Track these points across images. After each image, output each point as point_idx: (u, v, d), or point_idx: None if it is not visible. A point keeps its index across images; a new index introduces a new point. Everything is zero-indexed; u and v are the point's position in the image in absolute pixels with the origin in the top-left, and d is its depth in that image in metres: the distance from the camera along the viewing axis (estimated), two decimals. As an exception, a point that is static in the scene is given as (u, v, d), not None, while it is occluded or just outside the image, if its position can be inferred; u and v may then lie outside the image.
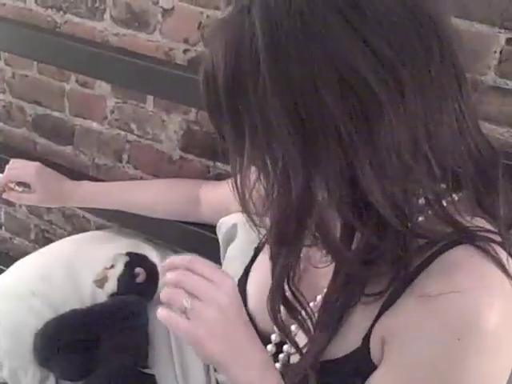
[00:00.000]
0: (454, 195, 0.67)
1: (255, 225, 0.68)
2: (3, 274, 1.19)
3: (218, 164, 1.35)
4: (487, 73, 1.02)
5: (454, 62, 0.62)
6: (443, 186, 0.65)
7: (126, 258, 1.13)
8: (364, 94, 0.57)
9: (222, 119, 0.64)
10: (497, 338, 0.60)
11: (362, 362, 0.68)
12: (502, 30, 0.99)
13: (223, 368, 0.71)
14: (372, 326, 0.67)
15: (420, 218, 0.66)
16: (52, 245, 1.29)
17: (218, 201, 1.15)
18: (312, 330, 0.73)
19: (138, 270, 1.12)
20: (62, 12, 1.44)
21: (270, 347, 0.80)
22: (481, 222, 0.66)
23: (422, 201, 0.64)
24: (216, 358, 0.69)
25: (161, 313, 0.70)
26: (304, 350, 0.73)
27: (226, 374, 0.71)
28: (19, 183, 1.24)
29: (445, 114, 0.61)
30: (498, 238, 0.64)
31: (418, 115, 0.59)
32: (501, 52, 1.00)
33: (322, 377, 0.70)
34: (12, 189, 1.23)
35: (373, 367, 0.68)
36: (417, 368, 0.63)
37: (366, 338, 0.68)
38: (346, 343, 0.70)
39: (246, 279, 0.89)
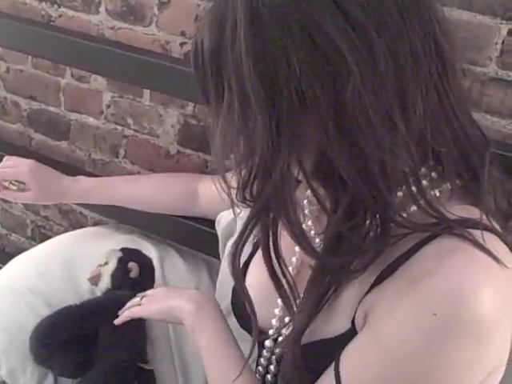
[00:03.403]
0: (439, 188, 0.67)
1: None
2: (0, 271, 1.18)
3: (216, 158, 1.34)
4: (489, 64, 1.01)
5: (436, 39, 0.62)
6: (424, 169, 0.66)
7: (119, 254, 1.13)
8: (332, 55, 0.57)
9: (208, 90, 0.66)
10: (479, 327, 0.59)
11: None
12: (504, 21, 0.98)
13: (180, 313, 0.87)
14: (358, 307, 0.68)
15: (412, 208, 0.66)
16: (49, 241, 1.28)
17: (217, 195, 1.14)
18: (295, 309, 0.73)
19: (130, 264, 1.11)
20: (56, 5, 1.43)
21: (267, 342, 0.80)
22: (471, 210, 0.65)
23: (401, 192, 0.65)
24: (168, 306, 0.89)
25: (121, 316, 0.98)
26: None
27: (181, 314, 0.87)
28: (14, 181, 1.22)
29: (422, 88, 0.61)
30: (490, 227, 0.64)
31: (388, 81, 0.59)
32: (502, 43, 0.99)
33: (312, 357, 0.71)
34: (7, 188, 1.21)
35: None
36: (390, 340, 0.63)
37: (353, 320, 0.69)
38: (335, 325, 0.71)
39: (245, 275, 0.88)
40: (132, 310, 0.97)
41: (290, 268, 0.77)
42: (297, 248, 0.80)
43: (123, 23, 1.35)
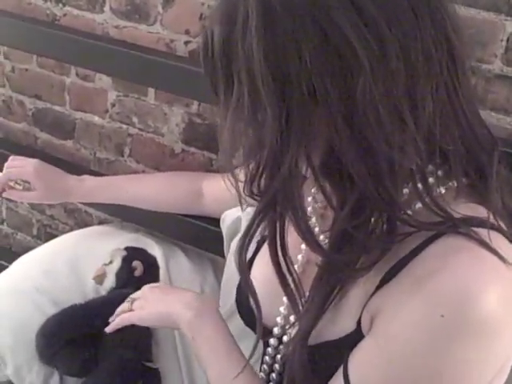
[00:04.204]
0: (442, 187, 0.67)
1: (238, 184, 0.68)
2: (6, 270, 1.18)
3: (221, 157, 1.34)
4: (494, 61, 1.01)
5: (447, 37, 0.62)
6: (431, 166, 0.66)
7: (124, 253, 1.13)
8: (344, 50, 0.57)
9: (217, 83, 0.65)
10: (486, 327, 0.59)
11: (357, 343, 0.68)
12: (509, 18, 0.98)
13: (179, 319, 0.85)
14: (364, 308, 0.68)
15: (417, 205, 0.66)
16: (55, 240, 1.29)
17: (222, 193, 1.14)
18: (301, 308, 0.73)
19: (135, 263, 1.11)
20: (61, 4, 1.43)
21: (272, 341, 0.80)
22: (477, 209, 0.65)
23: (407, 189, 0.65)
24: (165, 312, 0.87)
25: (112, 324, 0.95)
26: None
27: (180, 321, 0.85)
28: (20, 180, 1.22)
29: (433, 85, 0.61)
30: (496, 226, 0.63)
31: (399, 78, 0.58)
32: (507, 40, 0.99)
33: (318, 359, 0.71)
34: (12, 187, 1.22)
35: None
36: (398, 341, 0.63)
37: (359, 321, 0.68)
38: (341, 326, 0.70)
39: (249, 273, 0.88)
40: (123, 316, 0.94)
41: (296, 266, 0.77)
42: (303, 246, 0.80)
43: (128, 22, 1.35)
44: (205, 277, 1.23)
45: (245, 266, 0.74)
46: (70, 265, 1.16)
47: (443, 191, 0.66)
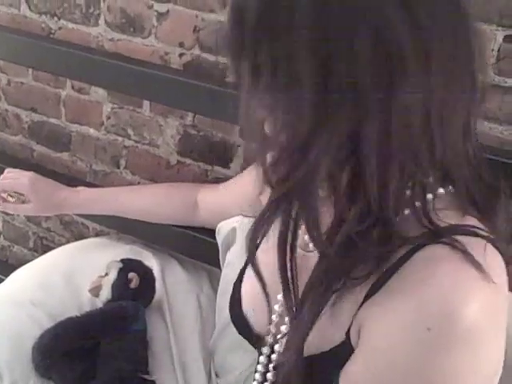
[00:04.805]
0: (430, 195, 0.67)
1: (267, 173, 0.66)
2: (2, 283, 1.18)
3: (216, 168, 1.35)
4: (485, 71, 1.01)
5: (472, 60, 0.63)
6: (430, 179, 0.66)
7: (120, 265, 1.13)
8: (394, 54, 0.57)
9: (241, 58, 0.63)
10: (470, 336, 0.59)
11: (348, 354, 0.68)
12: (500, 28, 0.98)
13: None
14: (353, 319, 0.68)
15: (406, 212, 0.66)
16: (51, 253, 1.29)
17: (217, 204, 1.15)
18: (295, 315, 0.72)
19: (130, 275, 1.11)
20: (56, 18, 1.44)
21: (264, 349, 0.80)
22: (471, 220, 0.65)
23: (408, 192, 0.65)
24: None
25: None
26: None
27: None
28: (14, 192, 1.23)
29: (459, 106, 0.62)
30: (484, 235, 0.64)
31: (436, 92, 0.59)
32: (499, 50, 1.00)
33: (311, 370, 0.71)
34: (6, 199, 1.22)
35: None
36: (384, 356, 0.63)
37: (348, 332, 0.68)
38: (331, 337, 0.70)
39: (241, 282, 0.88)
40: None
41: None
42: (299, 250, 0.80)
43: (122, 35, 1.35)
44: (201, 287, 1.23)
45: (254, 252, 0.73)
46: (66, 277, 1.16)
47: (431, 197, 0.67)
